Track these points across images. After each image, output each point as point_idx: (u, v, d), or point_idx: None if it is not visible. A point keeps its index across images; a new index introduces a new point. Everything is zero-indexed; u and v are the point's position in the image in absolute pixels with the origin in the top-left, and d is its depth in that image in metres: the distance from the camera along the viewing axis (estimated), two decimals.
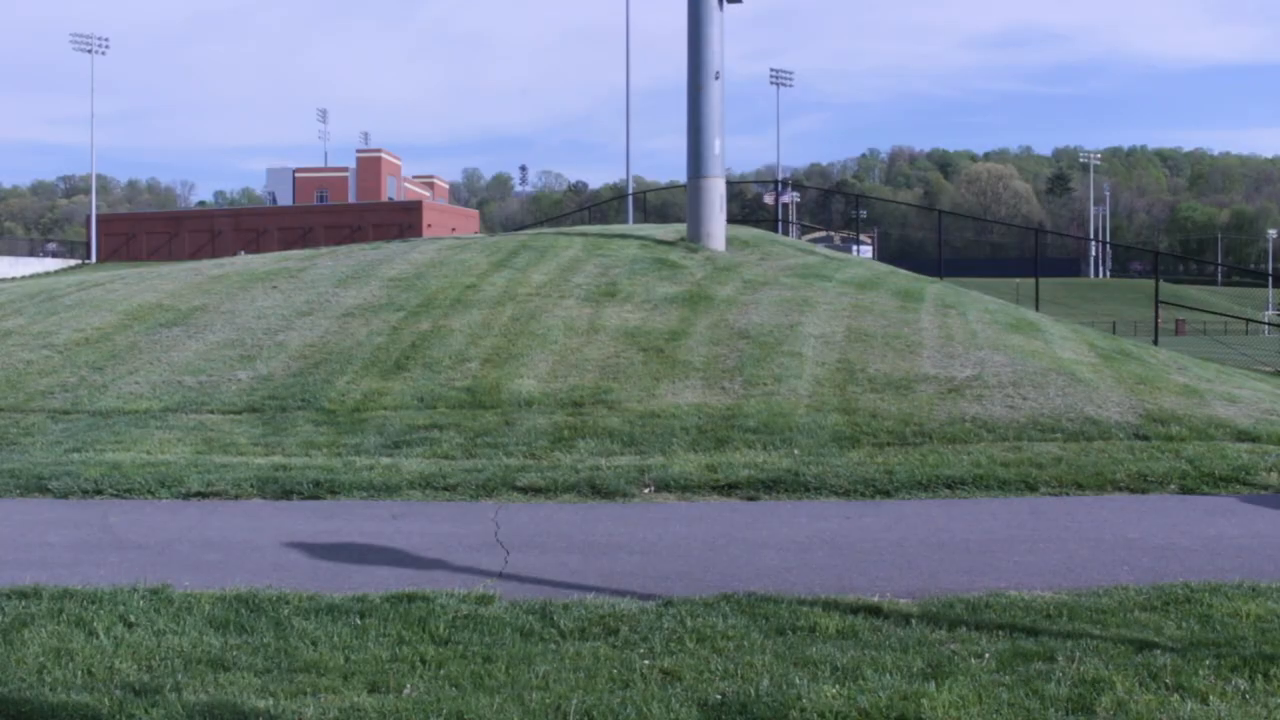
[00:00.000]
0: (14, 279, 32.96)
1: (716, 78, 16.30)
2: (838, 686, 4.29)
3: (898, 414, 9.99)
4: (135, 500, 8.26)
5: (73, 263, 67.32)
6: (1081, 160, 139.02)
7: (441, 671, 4.61)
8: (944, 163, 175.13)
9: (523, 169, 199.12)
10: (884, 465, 8.74)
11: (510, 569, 6.38)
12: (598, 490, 8.32)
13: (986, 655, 4.69)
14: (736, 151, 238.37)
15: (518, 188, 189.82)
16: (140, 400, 10.97)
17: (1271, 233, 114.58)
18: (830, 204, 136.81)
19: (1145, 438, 9.49)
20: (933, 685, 4.28)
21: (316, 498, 8.28)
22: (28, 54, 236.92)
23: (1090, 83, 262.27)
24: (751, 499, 8.23)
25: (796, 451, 9.14)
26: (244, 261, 19.07)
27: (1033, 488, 8.37)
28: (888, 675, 4.44)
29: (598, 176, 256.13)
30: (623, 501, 8.17)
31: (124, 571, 6.26)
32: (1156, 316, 24.24)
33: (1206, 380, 11.84)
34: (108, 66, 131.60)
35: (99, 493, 8.39)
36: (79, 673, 4.57)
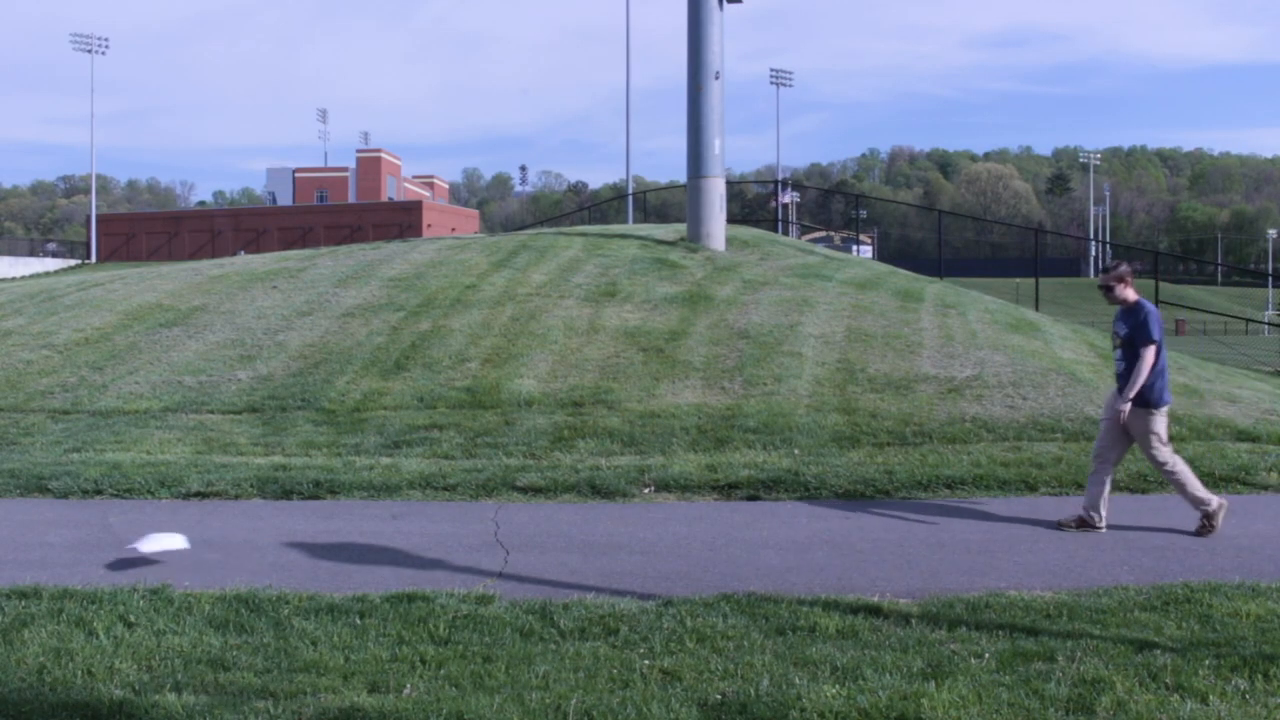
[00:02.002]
0: (14, 279, 32.97)
1: (716, 78, 16.30)
2: (838, 686, 4.30)
3: (898, 414, 9.99)
4: (135, 500, 8.26)
5: (73, 263, 67.33)
6: (1081, 160, 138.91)
7: (441, 671, 4.60)
8: (944, 163, 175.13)
9: (523, 169, 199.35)
10: (884, 465, 8.74)
11: (510, 569, 6.38)
12: (598, 490, 8.31)
13: (986, 655, 4.69)
14: (736, 151, 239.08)
15: (518, 188, 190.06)
16: (140, 400, 10.97)
17: (1271, 233, 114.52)
18: (830, 204, 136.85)
19: None
20: (933, 685, 4.28)
21: (316, 498, 8.28)
22: (28, 54, 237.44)
23: (1090, 83, 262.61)
24: (751, 499, 8.23)
25: (796, 451, 9.14)
26: (244, 261, 19.07)
27: (1033, 488, 8.37)
28: (888, 675, 4.44)
29: (598, 176, 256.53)
30: (623, 501, 8.16)
31: (124, 571, 6.26)
32: None
33: (1206, 380, 11.84)
34: (108, 66, 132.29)
35: (99, 493, 8.39)
36: (79, 673, 4.57)
